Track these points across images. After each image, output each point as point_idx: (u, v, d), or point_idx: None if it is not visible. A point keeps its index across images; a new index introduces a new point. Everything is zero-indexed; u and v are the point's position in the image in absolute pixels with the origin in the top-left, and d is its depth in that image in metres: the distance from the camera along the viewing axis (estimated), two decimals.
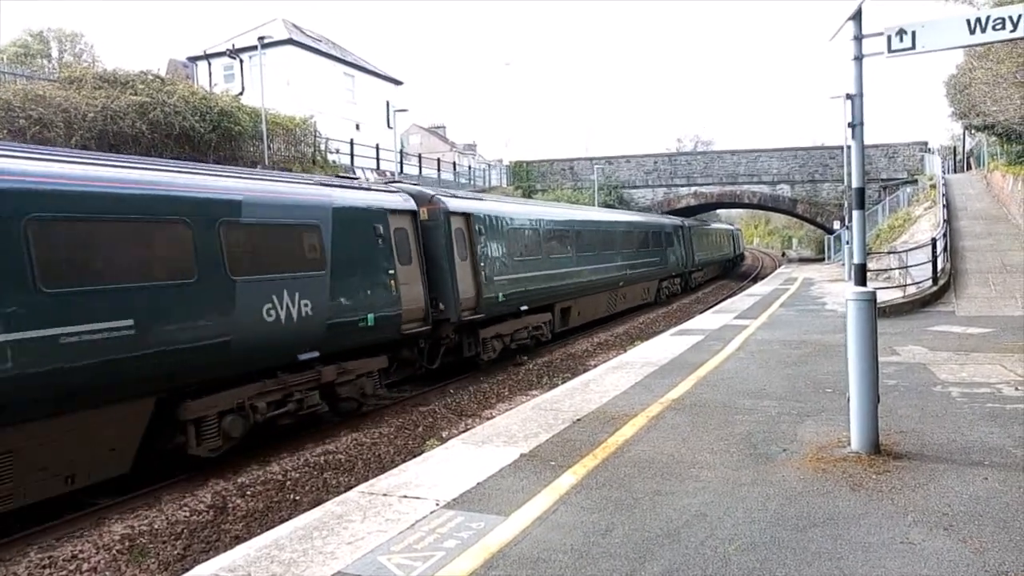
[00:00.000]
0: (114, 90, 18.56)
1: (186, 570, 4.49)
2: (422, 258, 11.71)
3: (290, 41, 32.14)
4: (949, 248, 17.68)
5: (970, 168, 36.47)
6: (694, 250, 32.95)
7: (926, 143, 38.46)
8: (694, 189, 40.85)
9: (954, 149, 43.76)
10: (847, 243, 26.07)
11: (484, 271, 13.49)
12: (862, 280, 5.53)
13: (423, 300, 11.47)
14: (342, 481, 8.02)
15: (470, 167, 44.70)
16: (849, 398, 5.46)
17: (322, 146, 27.93)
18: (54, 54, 37.64)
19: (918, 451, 5.48)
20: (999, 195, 24.36)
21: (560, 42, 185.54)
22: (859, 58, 5.34)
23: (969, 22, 5.10)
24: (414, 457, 6.70)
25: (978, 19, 5.07)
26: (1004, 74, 18.25)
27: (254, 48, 26.33)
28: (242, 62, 29.80)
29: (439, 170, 37.41)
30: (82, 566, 5.92)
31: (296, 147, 25.80)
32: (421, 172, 35.50)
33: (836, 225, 34.82)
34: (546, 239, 17.03)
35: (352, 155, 29.38)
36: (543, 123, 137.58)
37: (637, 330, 20.21)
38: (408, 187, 12.94)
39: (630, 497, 4.72)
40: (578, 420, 6.79)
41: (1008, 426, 6.05)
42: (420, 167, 35.93)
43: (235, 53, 28.74)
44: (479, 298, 13.21)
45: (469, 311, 12.92)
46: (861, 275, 5.56)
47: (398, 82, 39.94)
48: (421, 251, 11.73)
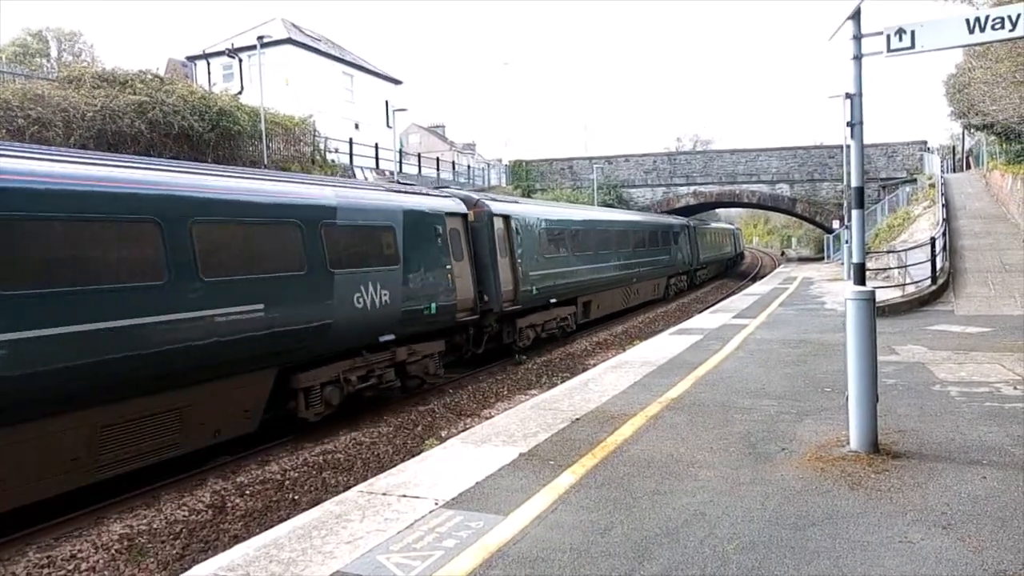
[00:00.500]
0: (113, 89, 18.55)
1: (185, 569, 4.49)
2: (472, 255, 13.28)
3: (289, 40, 32.11)
4: (948, 247, 17.69)
5: (969, 167, 36.51)
6: (699, 249, 34.13)
7: (925, 142, 38.50)
8: (693, 188, 40.86)
9: (953, 148, 43.81)
10: (846, 242, 26.10)
11: (520, 267, 14.94)
12: (861, 279, 5.53)
13: (473, 292, 13.06)
14: (341, 480, 8.02)
15: (469, 166, 44.67)
16: (848, 397, 5.46)
17: (321, 145, 27.91)
18: (53, 53, 37.62)
19: (917, 450, 5.48)
20: (998, 194, 24.38)
21: (559, 42, 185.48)
22: (858, 57, 5.33)
23: (968, 21, 5.09)
24: (413, 457, 6.70)
25: (977, 18, 5.06)
26: (1003, 73, 18.26)
27: (253, 47, 26.30)
28: (241, 61, 29.79)
29: (438, 169, 37.39)
30: (81, 565, 5.91)
31: (295, 146, 25.78)
32: (420, 171, 35.47)
33: (835, 224, 34.85)
34: (572, 238, 18.48)
35: (351, 154, 29.36)
36: (542, 122, 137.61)
37: (636, 329, 20.21)
38: (458, 192, 14.73)
39: (629, 496, 4.72)
40: (577, 420, 6.79)
41: (1007, 425, 6.05)
42: (419, 166, 35.90)
43: (234, 52, 28.73)
44: (516, 291, 14.66)
45: (508, 303, 14.40)
46: (860, 274, 5.56)
47: (397, 81, 39.93)
48: (471, 249, 13.31)
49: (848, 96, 5.45)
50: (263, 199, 8.77)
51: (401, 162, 32.99)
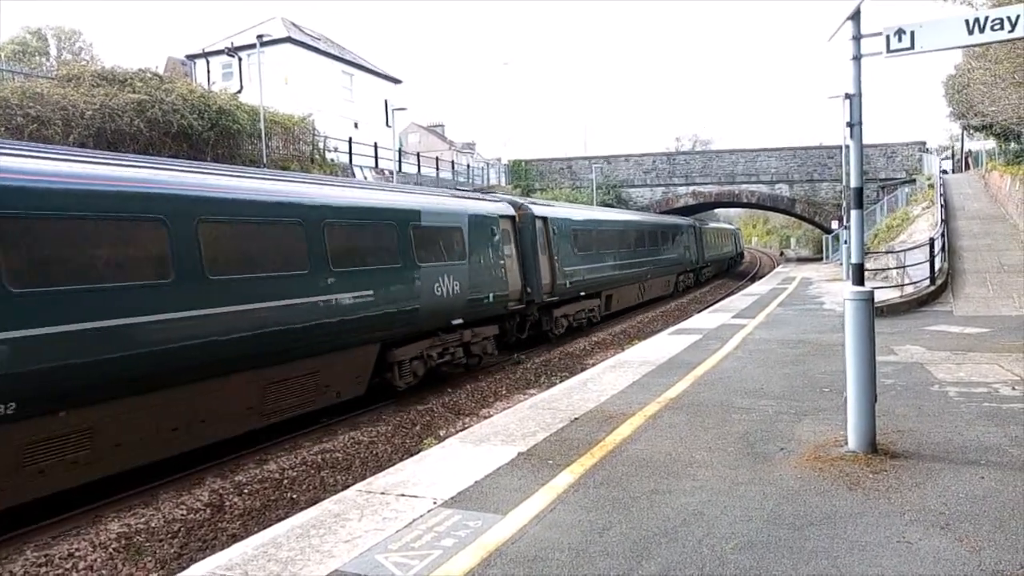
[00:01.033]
0: (112, 88, 18.53)
1: (183, 568, 4.48)
2: (519, 252, 15.11)
3: (289, 39, 32.06)
4: (947, 248, 17.70)
5: (968, 168, 36.53)
6: (704, 248, 35.81)
7: (924, 143, 38.51)
8: (693, 188, 40.86)
9: (952, 149, 43.84)
10: (845, 243, 26.12)
11: (557, 263, 16.78)
12: (860, 280, 5.53)
13: (520, 285, 14.94)
14: (339, 480, 8.02)
15: (469, 166, 44.63)
16: (846, 397, 5.47)
17: (320, 144, 27.89)
18: (52, 52, 37.59)
19: (915, 450, 5.48)
20: (997, 195, 24.41)
21: (559, 41, 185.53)
22: (858, 58, 5.33)
23: (968, 22, 5.09)
24: (412, 456, 6.70)
25: (976, 19, 5.06)
26: (1002, 74, 18.28)
27: (252, 46, 26.27)
28: (240, 60, 29.76)
29: (438, 169, 37.38)
30: (78, 564, 5.90)
31: (295, 145, 25.77)
32: (420, 171, 35.46)
33: (834, 225, 34.85)
34: (597, 238, 20.40)
35: (351, 154, 29.34)
36: (542, 122, 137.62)
37: (635, 329, 20.21)
38: (505, 197, 17.07)
39: (627, 496, 4.72)
40: (576, 419, 6.79)
41: (1005, 425, 6.06)
42: (419, 166, 35.88)
43: (233, 51, 28.71)
44: (553, 284, 16.53)
45: (547, 294, 16.27)
46: (859, 275, 5.56)
47: (397, 81, 39.89)
48: (518, 247, 15.12)
49: (847, 96, 5.45)
50: (373, 205, 10.81)
51: (400, 161, 32.95)
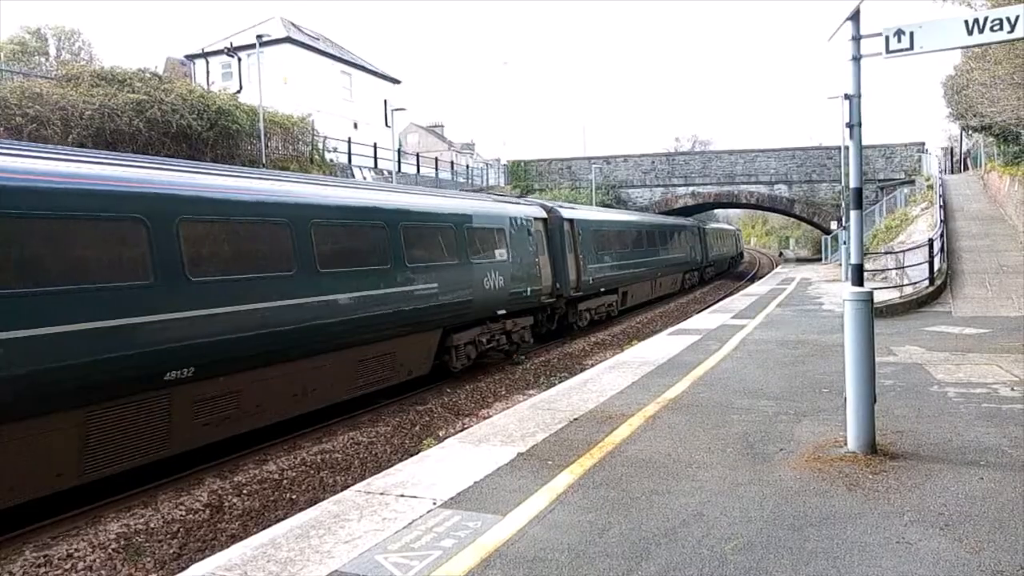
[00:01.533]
0: (111, 88, 18.53)
1: (182, 569, 4.48)
2: (549, 251, 16.60)
3: (288, 39, 32.06)
4: (946, 249, 17.70)
5: (967, 169, 36.54)
6: (708, 248, 37.40)
7: (923, 144, 38.51)
8: (692, 189, 40.85)
9: (951, 150, 43.84)
10: (844, 243, 26.15)
11: (581, 261, 18.34)
12: (859, 280, 5.53)
13: (551, 280, 16.44)
14: (339, 480, 8.01)
15: (468, 166, 44.64)
16: (846, 398, 5.47)
17: (320, 144, 27.89)
18: (51, 52, 37.51)
19: (914, 451, 5.48)
20: (996, 196, 24.41)
21: (558, 41, 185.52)
22: (857, 58, 5.33)
23: (967, 23, 5.09)
24: (411, 456, 6.69)
25: (976, 20, 5.06)
26: (1001, 75, 18.28)
27: (252, 46, 26.27)
28: (240, 60, 29.75)
29: (437, 169, 37.37)
30: (77, 565, 5.89)
31: (294, 146, 25.77)
32: (419, 171, 35.45)
33: (833, 225, 34.87)
34: (615, 238, 22.02)
35: (350, 154, 29.33)
36: (541, 122, 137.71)
37: (634, 329, 20.21)
38: (537, 201, 18.88)
39: (627, 496, 4.72)
40: (575, 419, 6.79)
41: (1004, 426, 6.06)
42: (418, 166, 35.88)
43: (233, 51, 28.72)
44: (578, 280, 18.08)
45: (573, 289, 17.77)
46: (858, 275, 5.56)
47: (396, 81, 39.89)
48: (549, 246, 16.64)
49: (847, 97, 5.46)
50: (435, 210, 12.38)
51: (399, 162, 32.95)
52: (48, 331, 5.98)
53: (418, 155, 37.49)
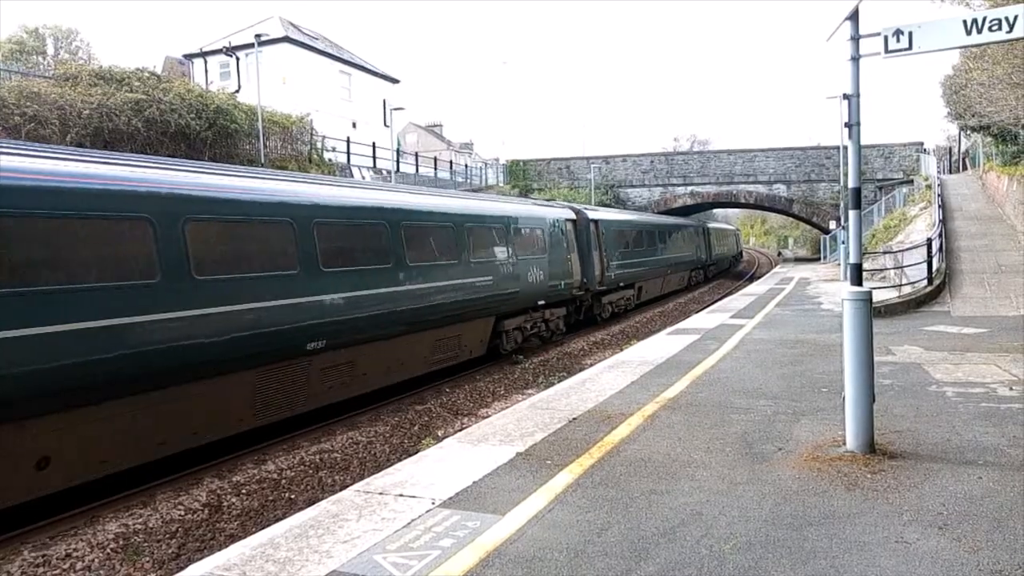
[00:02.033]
0: (110, 87, 18.51)
1: (181, 568, 4.47)
2: (579, 249, 18.39)
3: (287, 39, 32.02)
4: (944, 248, 17.71)
5: (966, 169, 36.56)
6: (712, 247, 39.03)
7: (922, 143, 38.53)
8: (691, 189, 40.87)
9: (949, 150, 43.87)
10: (843, 243, 26.17)
11: (605, 258, 20.21)
12: (858, 280, 5.53)
13: (580, 275, 18.20)
14: (338, 480, 8.01)
15: (467, 166, 44.60)
16: (845, 397, 5.47)
17: (318, 144, 27.87)
18: (50, 51, 37.50)
19: (913, 451, 5.49)
20: (994, 196, 24.43)
21: (557, 41, 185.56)
22: (856, 58, 5.34)
23: (966, 23, 5.09)
24: (410, 456, 6.69)
25: (975, 20, 5.06)
26: (1000, 75, 18.27)
27: (250, 46, 26.24)
28: (238, 60, 29.75)
29: (436, 169, 37.35)
30: (76, 564, 5.89)
31: (292, 145, 25.74)
32: (418, 171, 35.44)
33: (832, 225, 34.89)
34: (633, 237, 23.84)
35: (348, 153, 29.31)
36: (540, 122, 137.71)
37: (633, 329, 20.22)
38: (568, 204, 20.74)
39: (626, 496, 4.72)
40: (574, 419, 6.79)
41: (1003, 425, 6.07)
42: (417, 166, 35.87)
43: (231, 51, 28.72)
44: (602, 276, 19.90)
45: (598, 284, 19.57)
46: (857, 275, 5.56)
47: (395, 80, 39.86)
48: (578, 245, 18.41)
49: (845, 97, 5.45)
50: (492, 213, 14.31)
51: (398, 161, 32.93)
52: (236, 308, 7.85)
53: (417, 154, 37.47)
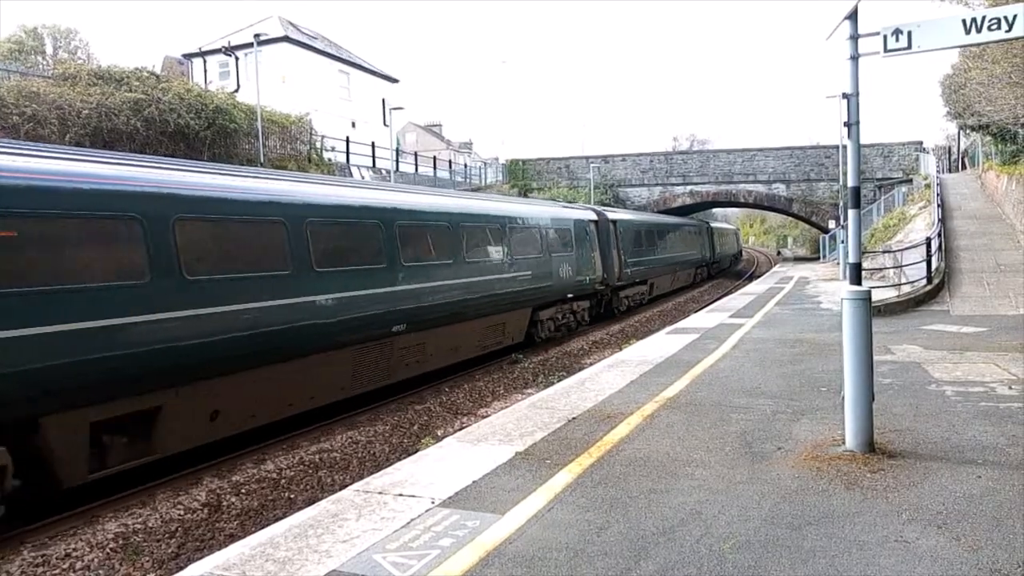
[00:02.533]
0: (109, 87, 18.50)
1: (180, 568, 4.47)
2: (600, 247, 20.02)
3: (286, 39, 32.02)
4: (943, 247, 17.72)
5: (965, 168, 36.56)
6: (715, 246, 41.05)
7: (921, 143, 38.52)
8: (690, 188, 40.85)
9: (948, 149, 43.87)
10: (842, 242, 26.14)
11: (623, 256, 21.88)
12: (857, 279, 5.54)
13: (601, 271, 19.93)
14: (337, 479, 8.00)
15: (466, 165, 44.61)
16: (844, 397, 5.47)
17: (318, 144, 27.85)
18: (48, 51, 37.41)
19: (912, 450, 5.49)
20: (993, 195, 24.43)
21: (557, 41, 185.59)
22: (855, 58, 5.34)
23: (965, 22, 5.10)
24: (409, 456, 6.69)
25: (974, 19, 5.07)
26: (999, 75, 18.26)
27: (250, 45, 26.23)
28: (237, 59, 29.72)
29: (435, 168, 37.34)
30: (75, 564, 5.89)
31: (292, 145, 25.73)
32: (417, 170, 35.43)
33: (831, 224, 34.90)
34: (646, 236, 25.59)
35: (348, 153, 29.30)
36: (539, 121, 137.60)
37: (632, 328, 20.22)
38: (589, 206, 22.83)
39: (625, 495, 4.72)
40: (573, 418, 6.79)
41: (1002, 424, 6.07)
42: (416, 165, 35.86)
43: (230, 50, 28.70)
44: (620, 272, 21.65)
45: (617, 279, 21.33)
46: (856, 274, 5.57)
47: (394, 80, 39.85)
48: (600, 243, 20.01)
49: (845, 96, 5.45)
50: (529, 215, 16.14)
51: (398, 161, 32.92)
52: (340, 295, 9.34)
53: (416, 154, 37.47)
